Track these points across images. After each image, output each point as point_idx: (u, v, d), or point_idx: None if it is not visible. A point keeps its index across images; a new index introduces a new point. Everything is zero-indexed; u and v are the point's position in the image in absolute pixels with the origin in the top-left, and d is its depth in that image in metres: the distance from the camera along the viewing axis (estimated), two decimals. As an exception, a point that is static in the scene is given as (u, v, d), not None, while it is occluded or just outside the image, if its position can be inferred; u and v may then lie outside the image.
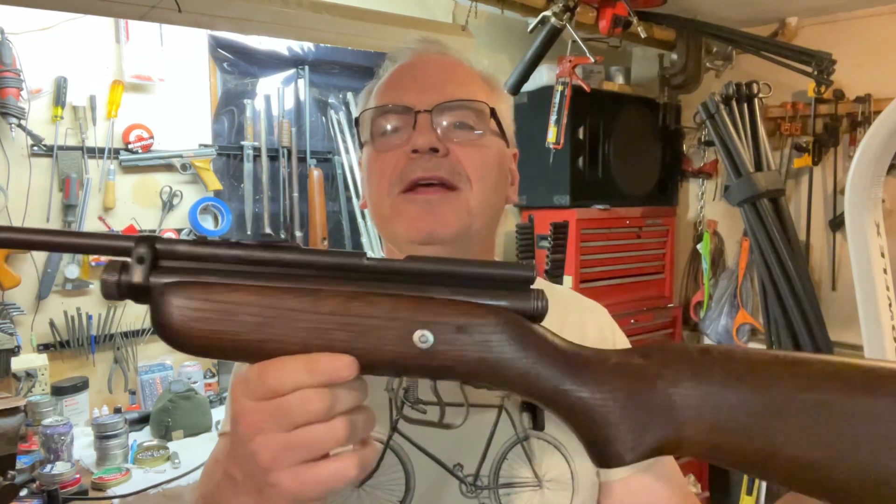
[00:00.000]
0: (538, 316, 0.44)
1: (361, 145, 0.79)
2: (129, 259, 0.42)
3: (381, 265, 0.43)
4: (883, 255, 1.72)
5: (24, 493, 1.52)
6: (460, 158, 0.71)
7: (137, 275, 0.42)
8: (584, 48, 2.23)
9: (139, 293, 0.43)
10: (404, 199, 0.71)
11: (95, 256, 2.01)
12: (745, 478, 2.86)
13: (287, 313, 0.41)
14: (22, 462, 1.63)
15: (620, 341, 0.82)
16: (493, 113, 0.74)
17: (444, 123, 0.72)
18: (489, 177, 0.73)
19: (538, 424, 0.72)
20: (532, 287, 0.44)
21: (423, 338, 0.41)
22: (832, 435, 0.39)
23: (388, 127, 0.73)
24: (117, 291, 0.42)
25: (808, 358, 0.43)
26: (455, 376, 0.43)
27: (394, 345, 0.41)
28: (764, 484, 2.83)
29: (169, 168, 2.17)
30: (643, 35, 2.42)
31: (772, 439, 0.40)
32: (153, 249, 0.42)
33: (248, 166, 2.32)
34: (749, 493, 2.85)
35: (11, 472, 1.41)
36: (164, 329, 0.42)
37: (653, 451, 0.43)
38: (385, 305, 0.42)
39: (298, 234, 2.41)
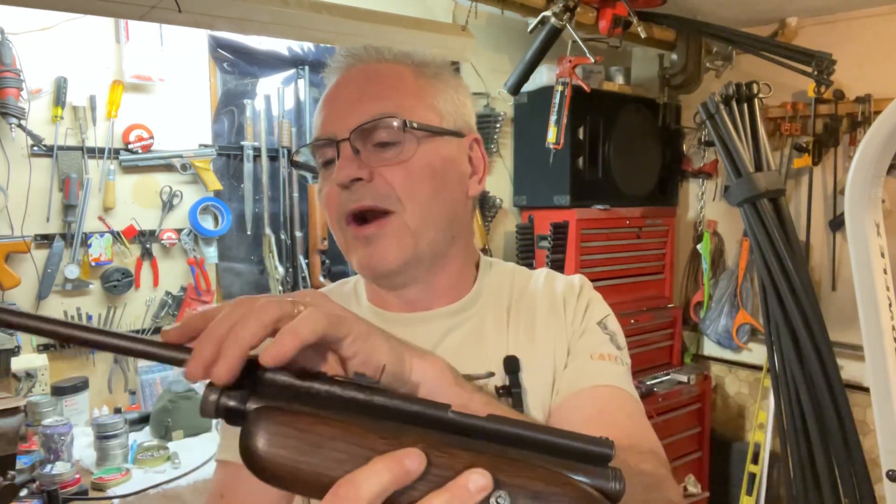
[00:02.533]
0: (614, 497, 0.43)
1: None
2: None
3: (464, 421, 0.43)
4: (883, 255, 1.72)
5: (24, 493, 1.52)
6: (388, 180, 0.71)
7: (236, 398, 0.44)
8: (584, 48, 2.23)
9: (235, 415, 0.44)
10: (351, 236, 0.74)
11: (96, 256, 2.02)
12: (745, 478, 2.87)
13: (370, 453, 0.40)
14: (22, 462, 1.63)
15: (588, 292, 0.84)
16: (406, 125, 0.72)
17: (364, 145, 0.72)
18: (421, 191, 0.72)
19: (517, 407, 0.73)
20: (609, 466, 0.43)
21: (501, 500, 0.40)
22: None
23: (325, 158, 0.76)
24: (215, 411, 0.44)
25: None
26: None
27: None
28: (764, 484, 2.83)
29: (169, 168, 2.17)
30: (643, 35, 2.42)
31: None
32: (255, 376, 0.44)
33: (248, 166, 2.32)
34: (749, 493, 2.85)
35: (11, 472, 1.41)
36: (248, 453, 0.42)
37: None
38: (464, 459, 0.41)
39: (298, 234, 2.41)
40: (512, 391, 0.73)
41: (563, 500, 0.40)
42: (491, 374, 0.75)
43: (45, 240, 1.96)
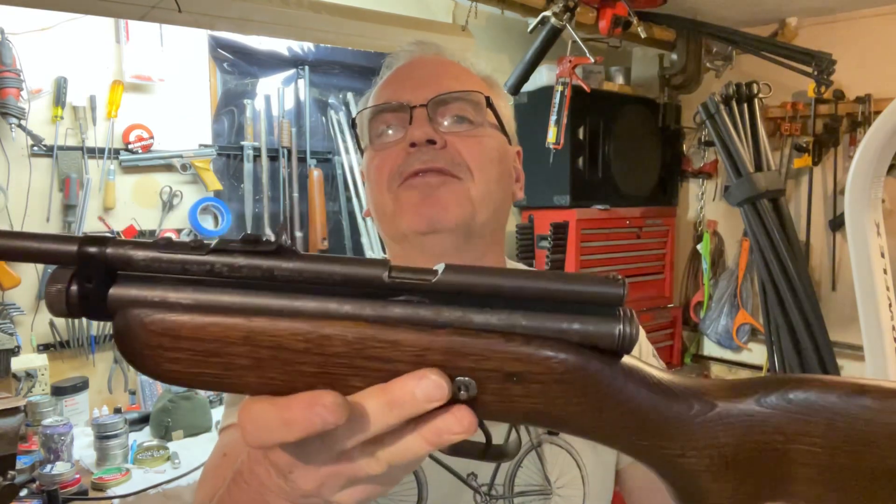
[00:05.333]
0: (625, 347, 0.33)
1: (362, 151, 0.78)
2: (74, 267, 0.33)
3: (410, 280, 0.32)
4: (883, 255, 1.72)
5: (24, 493, 1.52)
6: (459, 149, 0.70)
7: (89, 291, 0.32)
8: (584, 48, 2.23)
9: (94, 310, 0.33)
10: (405, 186, 0.69)
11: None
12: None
13: (284, 354, 0.32)
14: (22, 462, 1.63)
15: (645, 351, 0.83)
16: (489, 103, 0.73)
17: (441, 117, 0.71)
18: (490, 168, 0.71)
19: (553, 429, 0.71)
20: (621, 307, 0.33)
21: (464, 388, 0.32)
22: None
23: (387, 124, 0.72)
24: (65, 304, 0.32)
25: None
26: (502, 422, 0.34)
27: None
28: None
29: (169, 168, 2.17)
30: (643, 35, 2.42)
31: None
32: (104, 256, 0.32)
33: (248, 166, 2.32)
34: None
35: (11, 473, 1.41)
36: (133, 364, 0.33)
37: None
38: (413, 346, 0.32)
39: (298, 234, 2.41)
40: None
41: (545, 377, 0.32)
42: None
43: (45, 240, 1.96)
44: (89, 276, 0.32)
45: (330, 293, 0.33)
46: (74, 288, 0.32)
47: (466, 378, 0.32)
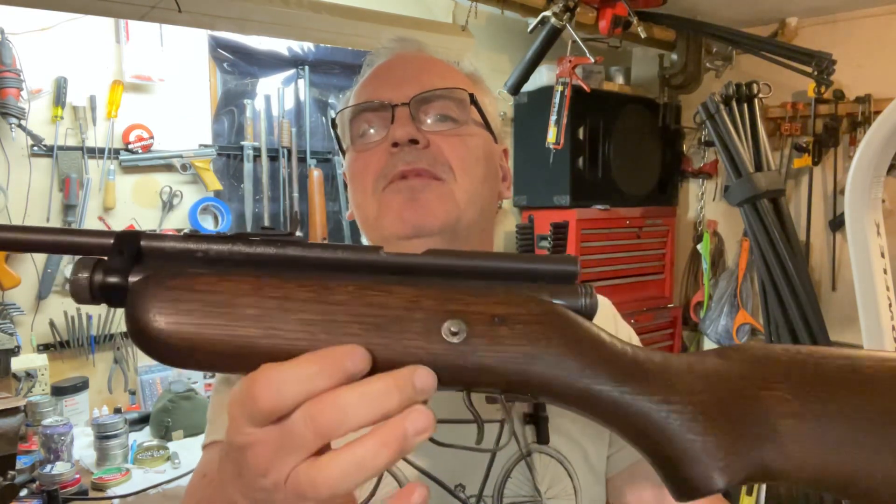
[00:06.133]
0: (587, 314, 0.37)
1: (343, 152, 0.75)
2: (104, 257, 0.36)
3: (401, 260, 0.37)
4: (883, 255, 1.72)
5: (24, 493, 1.52)
6: (443, 149, 0.68)
7: (114, 273, 0.35)
8: (584, 48, 2.23)
9: (115, 294, 0.35)
10: (389, 190, 0.67)
11: (95, 256, 2.01)
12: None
13: (289, 304, 0.34)
14: (22, 462, 1.63)
15: (624, 329, 0.79)
16: (473, 100, 0.71)
17: (424, 115, 0.69)
18: (475, 168, 0.69)
19: (542, 438, 0.67)
20: (577, 283, 0.38)
21: (455, 328, 0.34)
22: None
23: (368, 124, 0.71)
24: (89, 293, 0.35)
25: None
26: (495, 379, 0.35)
27: (419, 339, 0.34)
28: (764, 485, 2.83)
29: (169, 168, 2.17)
30: (643, 35, 2.42)
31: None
32: (136, 246, 0.37)
33: (248, 166, 2.32)
34: (749, 493, 2.85)
35: (11, 472, 1.41)
36: (141, 334, 0.34)
37: (751, 474, 0.34)
38: (406, 294, 0.35)
39: (298, 234, 2.40)
40: (539, 418, 0.69)
41: (527, 318, 0.35)
42: (515, 398, 0.71)
43: (45, 240, 1.96)
44: (115, 266, 0.35)
45: (335, 275, 0.36)
46: (99, 275, 0.35)
47: (458, 320, 0.34)
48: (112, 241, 0.36)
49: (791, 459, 0.34)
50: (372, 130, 0.70)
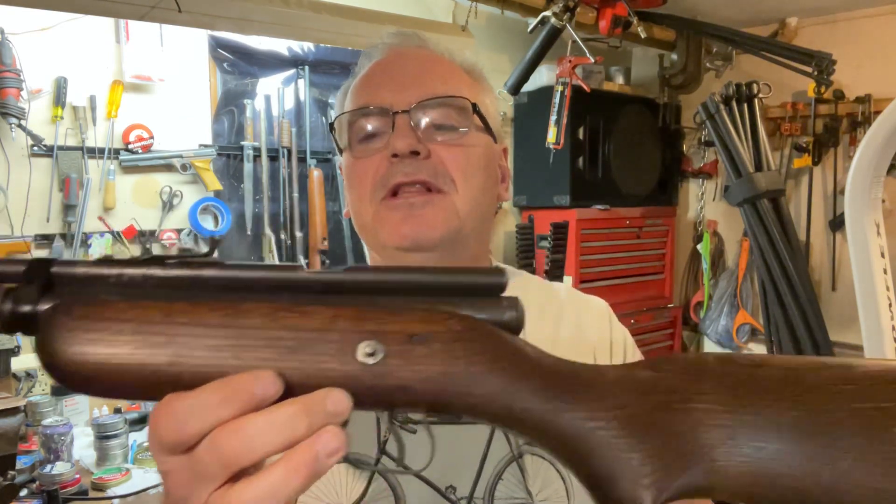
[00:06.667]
0: (513, 328, 0.36)
1: (340, 151, 0.75)
2: (13, 285, 0.35)
3: (321, 277, 0.36)
4: (883, 255, 1.72)
5: (24, 493, 1.52)
6: (443, 160, 0.67)
7: (25, 301, 0.34)
8: (584, 48, 2.23)
9: (27, 324, 0.35)
10: (386, 206, 0.67)
11: (97, 256, 2.01)
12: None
13: (198, 329, 0.33)
14: (22, 462, 1.63)
15: (618, 331, 0.79)
16: (475, 108, 0.69)
17: (425, 123, 0.68)
18: (476, 177, 0.69)
19: None
20: (505, 295, 0.37)
21: (370, 349, 0.33)
22: None
23: (367, 130, 0.69)
24: (1, 322, 0.35)
25: (842, 361, 0.35)
26: (414, 399, 0.34)
27: (334, 361, 0.33)
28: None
29: (169, 168, 2.17)
30: (643, 35, 2.42)
31: (833, 464, 0.32)
32: (46, 273, 0.35)
33: (248, 166, 2.32)
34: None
35: (11, 473, 1.41)
36: (51, 364, 0.33)
37: (682, 489, 0.33)
38: (322, 315, 0.34)
39: (299, 234, 2.41)
40: None
41: (446, 336, 0.34)
42: None
43: (45, 240, 1.96)
44: (25, 295, 0.35)
45: (253, 296, 0.35)
46: (8, 304, 0.34)
47: (374, 341, 0.33)
48: (23, 268, 0.35)
49: (723, 473, 0.33)
50: (371, 135, 0.69)
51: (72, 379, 0.33)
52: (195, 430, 0.32)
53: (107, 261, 0.36)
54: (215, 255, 0.38)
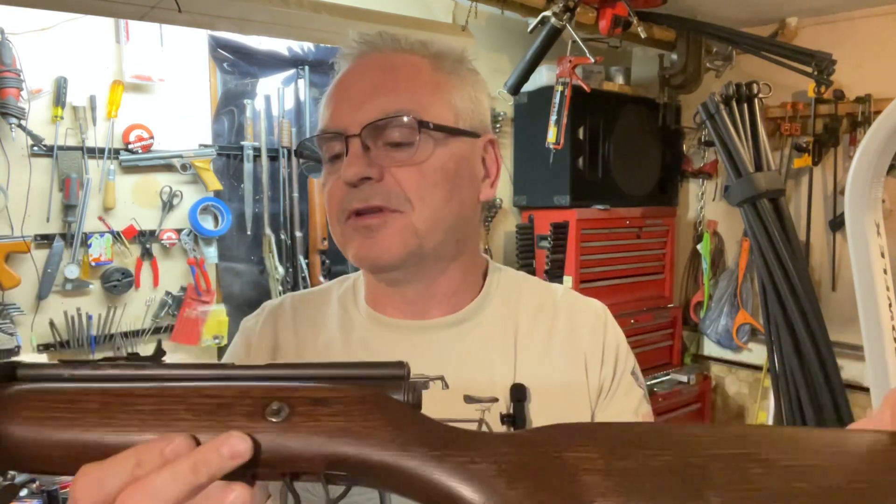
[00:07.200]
0: (413, 406, 0.40)
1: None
2: None
3: (247, 373, 0.40)
4: (883, 255, 1.72)
5: (24, 493, 1.52)
6: (399, 180, 0.67)
7: None
8: (584, 48, 2.23)
9: None
10: (349, 227, 0.70)
11: (96, 256, 2.02)
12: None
13: (129, 399, 0.37)
14: (22, 462, 1.63)
15: (612, 336, 0.78)
16: (423, 125, 0.68)
17: (376, 143, 0.68)
18: (433, 194, 0.68)
19: None
20: (407, 380, 0.41)
21: (276, 408, 0.37)
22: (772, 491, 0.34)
23: (332, 151, 0.71)
24: None
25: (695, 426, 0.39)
26: (313, 454, 0.37)
27: (243, 420, 0.37)
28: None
29: (169, 168, 2.17)
30: (643, 35, 2.43)
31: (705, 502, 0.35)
32: (12, 372, 0.40)
33: (248, 166, 2.32)
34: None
35: (11, 472, 1.41)
36: (3, 451, 0.38)
37: None
38: (238, 387, 0.38)
39: (298, 234, 2.41)
40: (516, 420, 0.69)
41: (347, 399, 0.38)
42: (494, 400, 0.71)
43: (45, 240, 1.96)
44: None
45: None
46: None
47: (282, 403, 0.37)
48: None
49: None
50: (334, 157, 0.71)
51: (14, 460, 0.38)
52: (115, 486, 0.35)
53: (63, 362, 0.41)
54: (165, 357, 0.42)
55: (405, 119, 0.67)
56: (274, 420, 0.37)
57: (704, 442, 0.36)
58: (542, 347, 0.75)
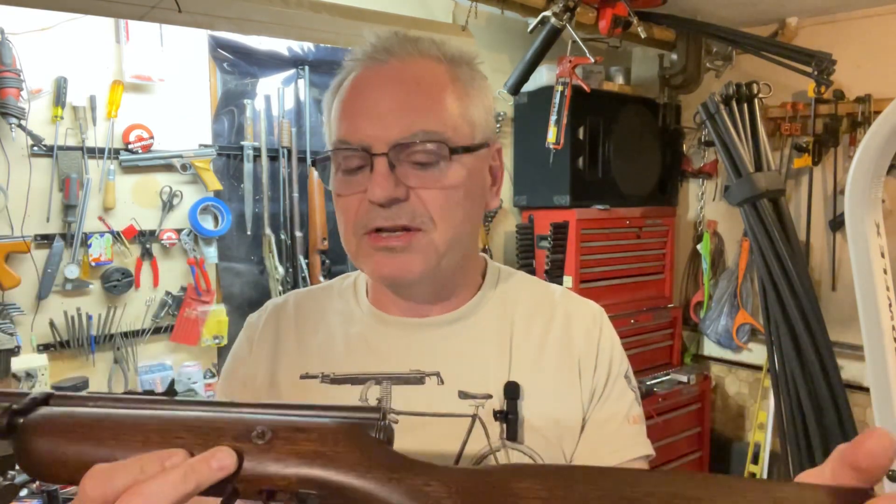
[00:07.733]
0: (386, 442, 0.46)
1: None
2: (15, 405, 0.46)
3: (243, 410, 0.46)
4: (883, 255, 1.72)
5: (24, 493, 1.52)
6: (423, 200, 0.68)
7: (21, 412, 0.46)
8: (584, 48, 2.23)
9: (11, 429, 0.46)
10: (368, 243, 0.70)
11: (96, 256, 2.02)
12: (746, 472, 2.86)
13: (138, 421, 0.44)
14: (22, 462, 1.63)
15: (607, 340, 0.79)
16: (454, 151, 0.69)
17: (401, 162, 0.68)
18: (455, 214, 0.70)
19: (510, 435, 0.70)
20: (381, 422, 0.46)
21: (261, 431, 0.43)
22: None
23: (347, 163, 0.70)
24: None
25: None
26: (288, 472, 0.43)
27: (231, 440, 0.43)
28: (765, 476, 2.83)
29: (169, 168, 2.17)
30: (643, 35, 2.43)
31: None
32: (45, 402, 0.47)
33: (248, 166, 2.32)
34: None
35: (11, 472, 1.41)
36: (28, 459, 0.45)
37: None
38: (232, 416, 0.45)
39: (299, 234, 2.41)
40: (508, 417, 0.71)
41: (324, 428, 0.43)
42: (488, 397, 0.72)
43: (45, 240, 1.96)
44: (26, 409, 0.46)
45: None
46: (5, 419, 0.46)
47: (266, 429, 0.43)
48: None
49: None
50: (354, 170, 0.70)
51: (30, 456, 0.44)
52: (119, 486, 0.40)
53: (90, 395, 0.47)
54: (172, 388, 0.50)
55: (435, 146, 0.68)
56: (258, 442, 0.43)
57: (642, 481, 0.39)
58: (536, 348, 0.77)
